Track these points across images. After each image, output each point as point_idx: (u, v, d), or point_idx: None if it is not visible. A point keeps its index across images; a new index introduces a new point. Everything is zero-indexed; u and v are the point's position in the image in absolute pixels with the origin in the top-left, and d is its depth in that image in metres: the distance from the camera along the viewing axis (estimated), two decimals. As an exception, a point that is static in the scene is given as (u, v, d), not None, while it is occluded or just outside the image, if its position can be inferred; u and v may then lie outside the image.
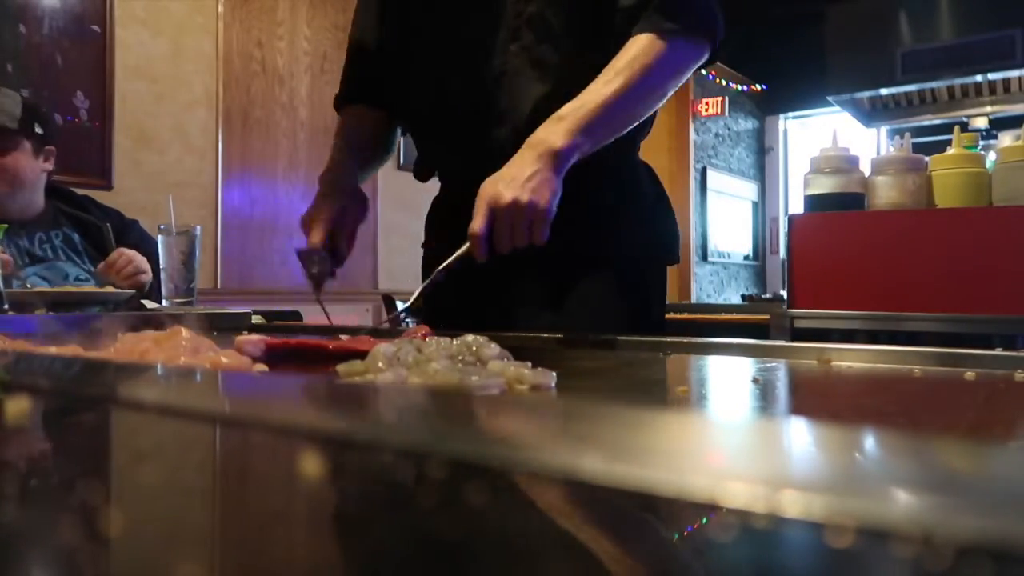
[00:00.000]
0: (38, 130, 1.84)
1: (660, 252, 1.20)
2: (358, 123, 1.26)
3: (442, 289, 1.20)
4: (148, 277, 1.72)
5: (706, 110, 5.50)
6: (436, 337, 0.65)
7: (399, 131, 1.31)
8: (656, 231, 1.20)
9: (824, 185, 2.05)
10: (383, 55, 1.24)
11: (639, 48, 0.99)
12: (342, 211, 1.11)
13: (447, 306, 1.20)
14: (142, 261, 1.71)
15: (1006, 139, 2.14)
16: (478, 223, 0.93)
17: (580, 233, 1.10)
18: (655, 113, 1.17)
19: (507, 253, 0.95)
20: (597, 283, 1.11)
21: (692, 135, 5.46)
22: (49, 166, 1.89)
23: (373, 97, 1.26)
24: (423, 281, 1.28)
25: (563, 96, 1.05)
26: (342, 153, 1.20)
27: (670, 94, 1.04)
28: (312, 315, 1.18)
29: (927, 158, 2.01)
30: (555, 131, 0.96)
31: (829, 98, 3.42)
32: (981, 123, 3.26)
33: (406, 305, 1.00)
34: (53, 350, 0.66)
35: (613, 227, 1.13)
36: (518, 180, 0.93)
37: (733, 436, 0.25)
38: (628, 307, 1.12)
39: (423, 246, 1.32)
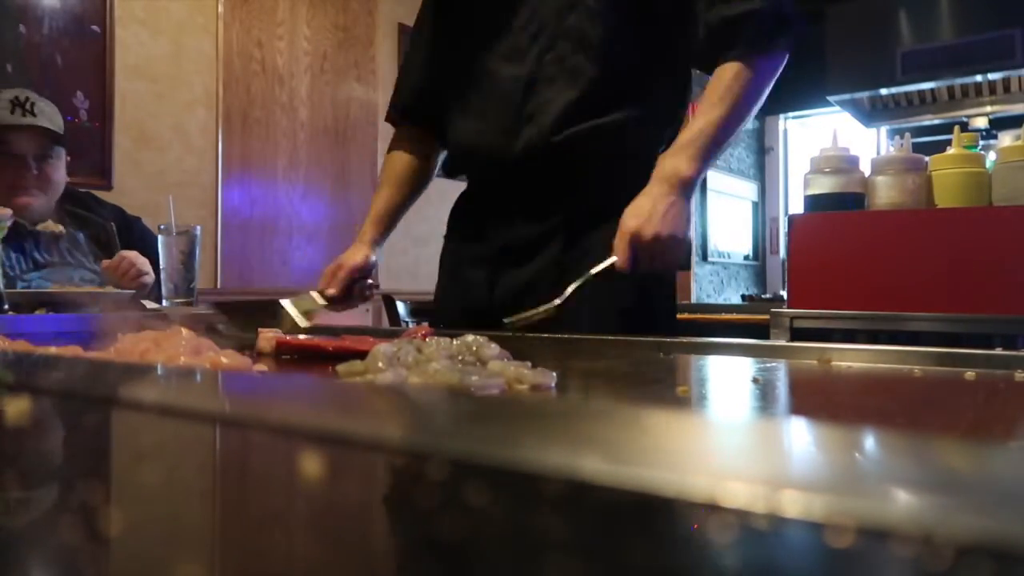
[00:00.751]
0: (65, 140, 1.87)
1: None
2: (394, 171, 1.34)
3: (456, 289, 1.24)
4: (150, 279, 1.72)
5: (706, 110, 5.49)
6: (436, 337, 0.65)
7: (440, 156, 1.37)
8: None
9: (824, 185, 2.05)
10: (432, 72, 1.30)
11: (732, 75, 1.05)
12: (366, 263, 1.23)
13: (461, 305, 1.23)
14: (144, 263, 1.71)
15: (1006, 139, 2.14)
16: (623, 259, 1.00)
17: (591, 216, 1.13)
18: (682, 120, 1.24)
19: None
20: (609, 287, 1.12)
21: (692, 135, 5.44)
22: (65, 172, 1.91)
23: (428, 119, 1.31)
24: (438, 276, 1.31)
25: (595, 103, 1.09)
26: (392, 190, 1.31)
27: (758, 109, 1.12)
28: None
29: (927, 158, 2.01)
30: (682, 160, 1.03)
31: (829, 98, 3.42)
32: (981, 123, 3.26)
33: (557, 302, 1.02)
34: (53, 350, 0.66)
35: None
36: (657, 215, 1.00)
37: (733, 436, 0.25)
38: (637, 311, 1.14)
39: (445, 237, 1.35)
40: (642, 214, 1.00)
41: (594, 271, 1.02)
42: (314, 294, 1.18)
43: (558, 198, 1.15)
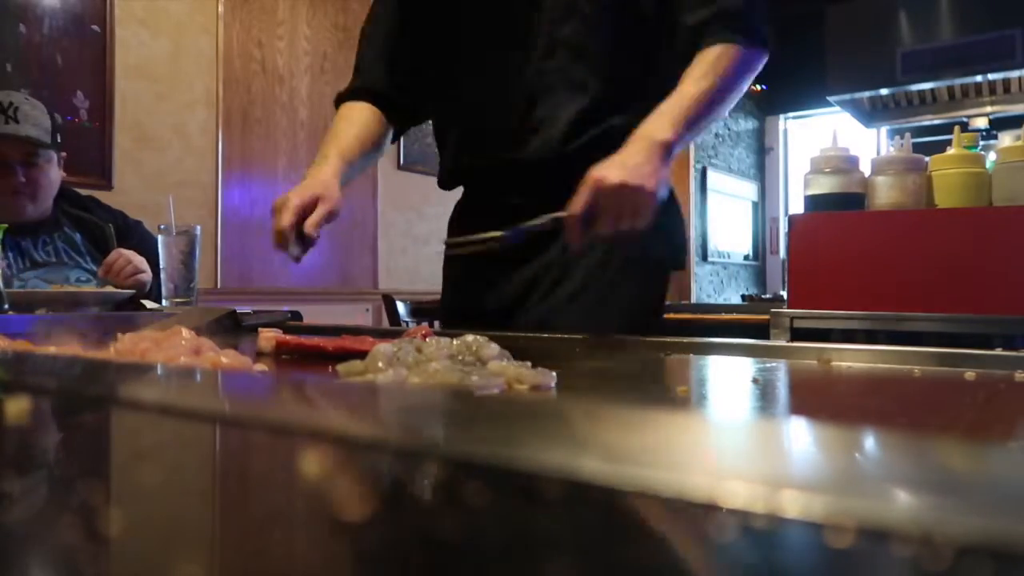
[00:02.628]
0: (58, 139, 1.85)
1: (667, 256, 1.22)
2: (357, 119, 1.26)
3: (459, 291, 1.22)
4: (148, 277, 1.71)
5: (706, 110, 5.49)
6: (436, 337, 0.65)
7: (391, 135, 1.32)
8: (665, 237, 1.21)
9: (824, 185, 2.05)
10: (400, 58, 1.26)
11: (715, 55, 1.04)
12: (314, 201, 1.11)
13: (452, 302, 1.22)
14: (141, 261, 1.71)
15: (1006, 139, 2.14)
16: (578, 204, 0.93)
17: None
18: None
19: (606, 238, 0.96)
20: (601, 282, 1.13)
21: (692, 135, 5.45)
22: (62, 173, 1.90)
23: (379, 98, 1.27)
24: (443, 280, 1.30)
25: (600, 112, 1.09)
26: (330, 148, 1.20)
27: (737, 99, 1.09)
28: (312, 316, 1.18)
29: (927, 158, 2.01)
30: (659, 124, 0.98)
31: (829, 98, 3.42)
32: (981, 123, 3.26)
33: (531, 224, 0.99)
34: (53, 350, 0.66)
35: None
36: (627, 166, 0.94)
37: (733, 436, 0.25)
38: (630, 308, 1.13)
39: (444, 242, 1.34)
40: (609, 164, 0.95)
41: (550, 216, 0.96)
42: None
43: (561, 202, 1.15)
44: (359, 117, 1.26)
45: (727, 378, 0.69)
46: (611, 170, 0.94)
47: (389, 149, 1.30)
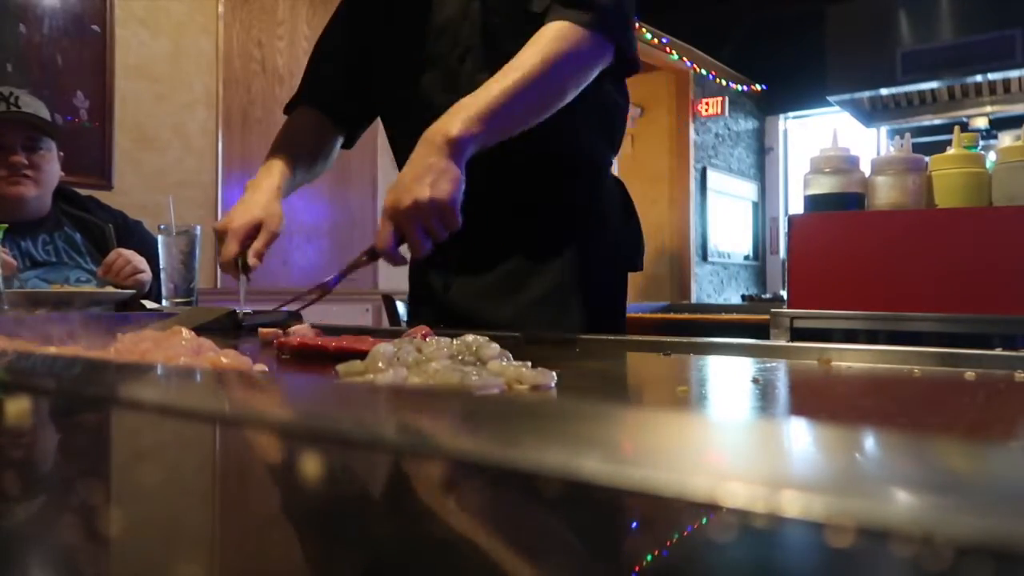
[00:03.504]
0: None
1: (625, 259, 1.24)
2: (305, 126, 1.27)
3: (414, 282, 1.23)
4: (147, 276, 1.71)
5: (706, 110, 5.51)
6: (436, 337, 0.65)
7: (339, 144, 1.32)
8: (619, 241, 1.24)
9: (824, 185, 2.05)
10: (347, 66, 1.26)
11: (545, 40, 1.00)
12: (256, 226, 1.13)
13: (415, 298, 1.24)
14: (140, 261, 1.71)
15: (1006, 139, 2.14)
16: (382, 238, 0.94)
17: (548, 229, 1.14)
18: (622, 122, 1.24)
19: (425, 253, 0.96)
20: (559, 279, 1.14)
21: (692, 135, 5.46)
22: (61, 173, 1.91)
23: (328, 104, 1.27)
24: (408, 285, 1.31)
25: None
26: (274, 161, 1.20)
27: (573, 90, 1.04)
28: (312, 316, 1.18)
29: (927, 158, 2.01)
30: (450, 121, 0.96)
31: (829, 98, 3.42)
32: (981, 123, 3.26)
33: (309, 301, 1.04)
34: (53, 350, 0.66)
35: (580, 226, 1.16)
36: (414, 179, 0.93)
37: (733, 436, 0.25)
38: (593, 311, 1.14)
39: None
40: (398, 184, 0.94)
41: (363, 251, 0.97)
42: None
43: (514, 213, 1.15)
44: (304, 124, 1.27)
45: (727, 378, 0.69)
46: (401, 193, 0.93)
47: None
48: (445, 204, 0.93)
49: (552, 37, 1.00)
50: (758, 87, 5.97)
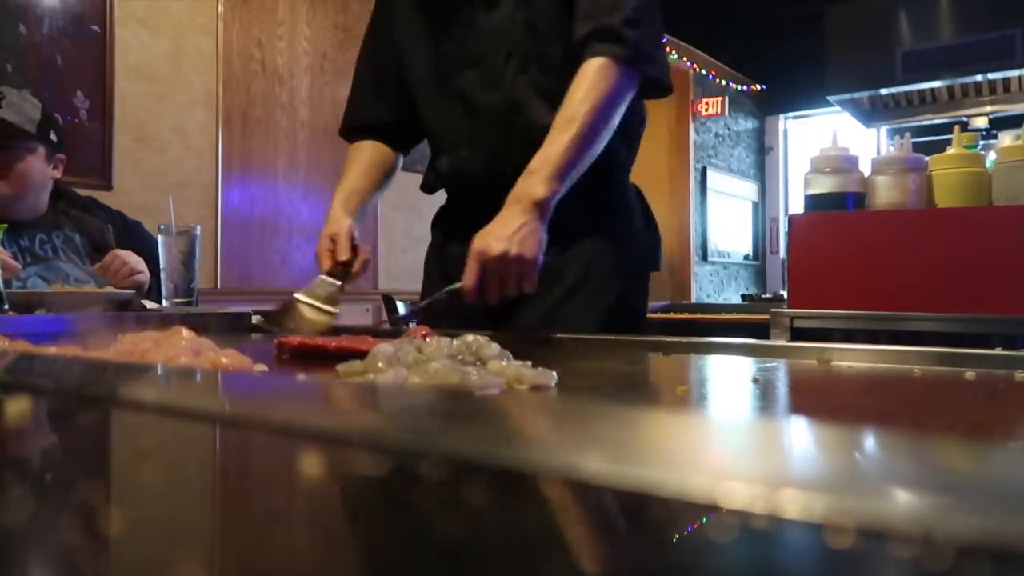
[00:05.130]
0: (52, 138, 1.84)
1: (645, 260, 1.29)
2: (365, 156, 1.33)
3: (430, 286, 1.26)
4: (145, 277, 1.71)
5: (706, 110, 5.51)
6: (436, 337, 0.65)
7: (401, 158, 1.39)
8: (641, 243, 1.29)
9: (824, 185, 2.05)
10: (396, 89, 1.32)
11: (590, 82, 1.07)
12: (353, 231, 1.19)
13: (439, 306, 1.25)
14: (137, 261, 1.70)
15: (1006, 139, 2.13)
16: (470, 278, 1.00)
17: (574, 232, 1.17)
18: (642, 130, 1.31)
19: (494, 303, 1.01)
20: (585, 289, 1.18)
21: (692, 135, 5.46)
22: (58, 174, 1.88)
23: (384, 136, 1.34)
24: (423, 280, 1.33)
25: None
26: (360, 172, 1.29)
27: (616, 122, 1.11)
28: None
29: (927, 158, 2.01)
30: (533, 184, 1.03)
31: (829, 98, 3.42)
32: (981, 123, 3.26)
33: (410, 310, 1.07)
34: (53, 350, 0.66)
35: (605, 235, 1.21)
36: (506, 234, 0.99)
37: (733, 436, 0.25)
38: (616, 312, 1.18)
39: (429, 245, 1.39)
40: (490, 234, 1.00)
41: (444, 291, 1.03)
42: (324, 277, 1.17)
43: None
44: (365, 154, 1.33)
45: (727, 378, 0.69)
46: (492, 241, 0.99)
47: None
48: (529, 263, 1.00)
49: (595, 76, 1.07)
50: (758, 87, 5.97)
